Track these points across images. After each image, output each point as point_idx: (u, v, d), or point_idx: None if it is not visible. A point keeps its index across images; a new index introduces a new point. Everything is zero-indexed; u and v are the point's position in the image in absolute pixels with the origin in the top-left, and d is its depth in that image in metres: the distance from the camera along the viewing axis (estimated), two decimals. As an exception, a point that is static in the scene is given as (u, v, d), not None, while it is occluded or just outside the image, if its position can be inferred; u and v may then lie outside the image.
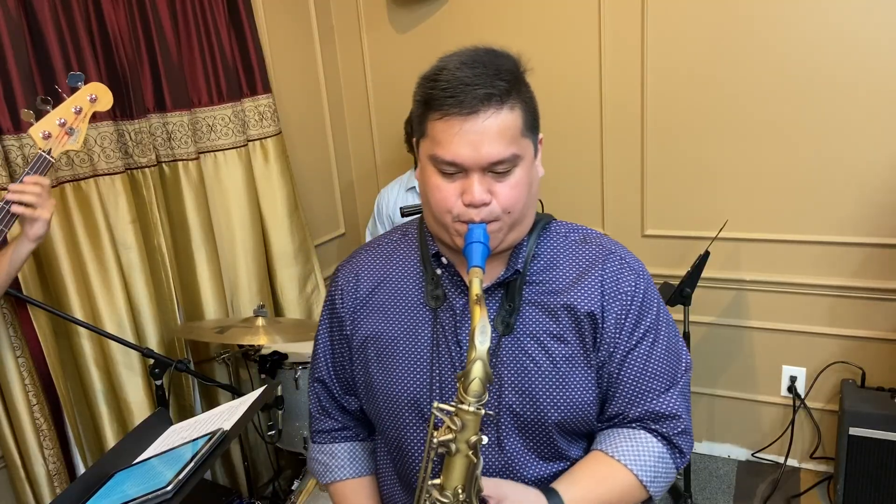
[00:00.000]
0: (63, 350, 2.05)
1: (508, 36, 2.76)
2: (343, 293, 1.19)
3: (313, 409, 1.29)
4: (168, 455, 1.32)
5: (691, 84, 2.53)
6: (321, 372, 1.25)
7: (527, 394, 1.06)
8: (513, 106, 0.97)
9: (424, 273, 1.13)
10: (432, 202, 1.02)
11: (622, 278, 1.09)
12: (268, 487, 2.71)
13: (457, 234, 1.02)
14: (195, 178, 2.33)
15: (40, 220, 1.55)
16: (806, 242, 2.51)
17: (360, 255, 1.22)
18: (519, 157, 0.99)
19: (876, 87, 2.28)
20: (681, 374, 1.12)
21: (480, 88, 0.94)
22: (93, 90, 1.67)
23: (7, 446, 1.89)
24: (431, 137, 0.99)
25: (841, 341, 2.55)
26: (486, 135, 0.95)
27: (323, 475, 1.27)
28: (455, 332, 1.08)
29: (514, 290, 1.08)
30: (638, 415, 1.09)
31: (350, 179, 3.31)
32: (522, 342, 1.07)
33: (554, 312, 1.07)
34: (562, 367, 1.06)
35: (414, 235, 1.18)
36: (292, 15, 2.87)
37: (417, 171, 1.07)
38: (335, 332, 1.21)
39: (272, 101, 2.57)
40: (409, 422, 1.11)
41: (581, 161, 2.76)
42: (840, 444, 2.35)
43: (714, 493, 2.66)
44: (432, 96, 0.97)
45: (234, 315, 2.53)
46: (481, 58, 0.98)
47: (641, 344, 1.08)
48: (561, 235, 1.13)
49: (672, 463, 1.10)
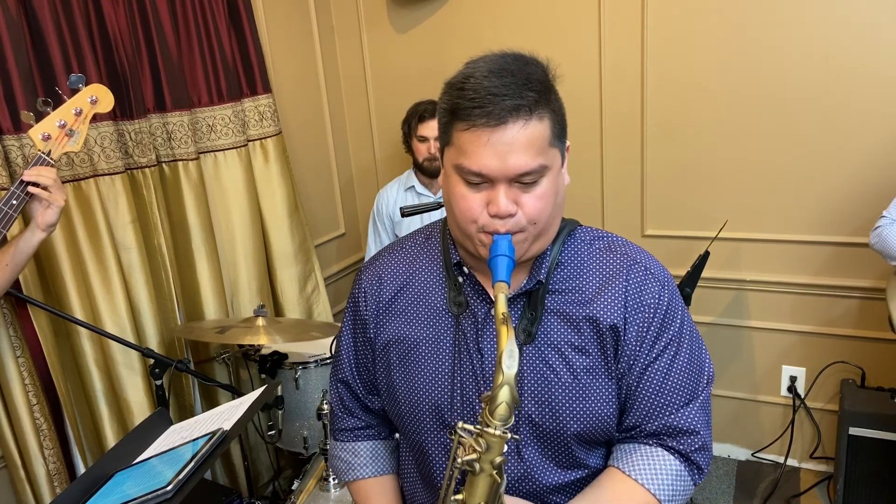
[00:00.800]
0: (63, 350, 2.05)
1: (508, 35, 2.77)
2: (367, 296, 1.18)
3: (336, 408, 1.28)
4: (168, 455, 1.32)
5: (691, 84, 2.53)
6: (345, 373, 1.24)
7: (546, 405, 1.05)
8: (542, 116, 0.95)
9: (447, 279, 1.12)
10: (457, 212, 1.00)
11: (646, 289, 1.07)
12: (268, 487, 2.71)
13: (481, 245, 1.00)
14: (195, 178, 2.33)
15: (54, 206, 1.56)
16: (806, 242, 2.51)
17: (383, 258, 1.21)
18: (546, 167, 0.97)
19: (877, 88, 2.28)
20: (702, 388, 1.10)
21: (509, 99, 0.92)
22: (93, 92, 1.67)
23: (7, 446, 1.89)
24: (458, 147, 0.97)
25: (841, 341, 2.55)
26: (513, 146, 0.93)
27: (345, 473, 1.27)
28: (477, 340, 1.08)
29: (536, 299, 1.06)
30: (655, 429, 1.08)
31: (350, 179, 3.31)
32: (544, 352, 1.06)
33: (576, 324, 1.06)
34: (582, 379, 1.05)
35: (437, 239, 1.17)
36: (292, 15, 2.87)
37: (441, 178, 1.05)
38: (358, 335, 1.21)
39: (272, 101, 2.57)
40: (430, 427, 1.11)
41: (581, 161, 2.76)
42: (840, 444, 2.35)
43: (714, 493, 2.66)
44: (459, 105, 0.95)
45: (234, 315, 2.53)
46: (510, 66, 0.95)
47: (662, 357, 1.07)
48: (586, 243, 1.11)
49: (690, 480, 1.09)
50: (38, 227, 1.57)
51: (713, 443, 2.83)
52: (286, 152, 2.66)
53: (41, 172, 1.54)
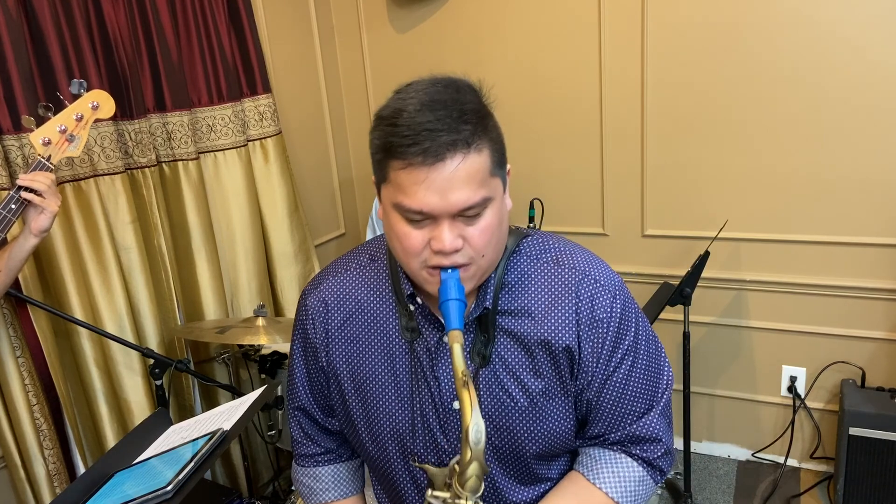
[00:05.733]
0: (63, 350, 2.05)
1: (508, 35, 2.76)
2: (314, 322, 1.14)
3: (295, 435, 1.27)
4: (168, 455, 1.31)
5: (691, 84, 2.53)
6: (301, 400, 1.22)
7: (504, 429, 1.06)
8: (480, 148, 0.91)
9: (397, 304, 1.09)
10: (400, 250, 0.97)
11: (597, 303, 1.04)
12: (268, 487, 2.71)
13: (426, 282, 0.97)
14: (195, 178, 2.33)
15: (47, 212, 1.56)
16: (806, 242, 2.51)
17: (327, 282, 1.15)
18: (489, 199, 0.93)
19: (875, 88, 2.28)
20: (661, 394, 1.11)
21: (445, 134, 0.87)
22: (95, 97, 1.67)
23: (7, 446, 1.89)
24: (395, 185, 0.92)
25: (841, 341, 2.55)
26: (453, 182, 0.89)
27: (308, 497, 1.28)
28: (432, 367, 1.06)
29: (487, 322, 1.04)
30: (618, 438, 1.09)
31: (350, 179, 3.31)
32: (499, 376, 1.05)
33: (529, 349, 1.04)
34: (539, 402, 1.05)
35: (384, 261, 1.12)
36: (292, 15, 2.87)
37: (380, 213, 1.00)
38: (310, 361, 1.18)
39: (272, 101, 2.57)
40: (393, 454, 1.12)
41: (581, 161, 2.76)
42: (840, 444, 2.35)
43: (714, 493, 2.66)
44: (392, 144, 0.90)
45: (234, 315, 2.53)
46: (441, 96, 0.91)
47: (620, 368, 1.06)
48: (532, 258, 1.07)
49: (652, 482, 1.11)
50: (30, 233, 1.57)
51: (713, 443, 2.86)
52: (286, 152, 2.66)
53: (35, 178, 1.54)
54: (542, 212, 2.73)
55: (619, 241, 2.78)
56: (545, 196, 2.67)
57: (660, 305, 2.32)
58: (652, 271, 2.71)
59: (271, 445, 2.50)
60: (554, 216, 2.80)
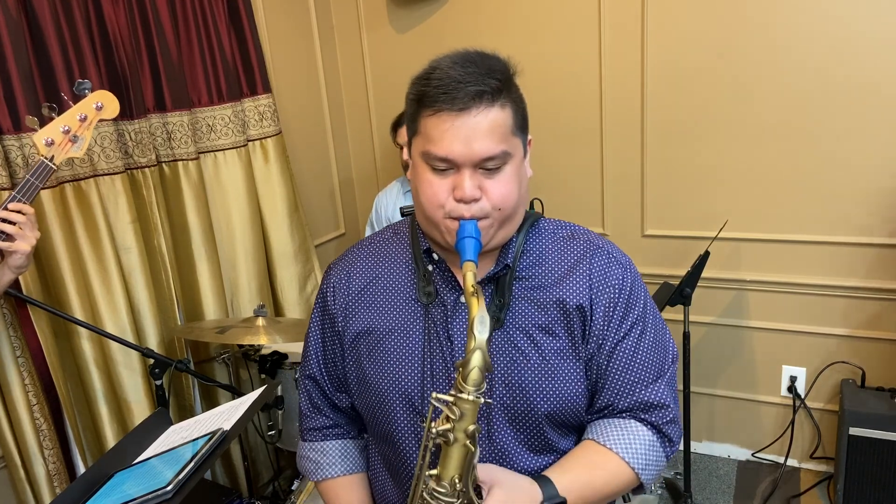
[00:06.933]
0: (63, 350, 2.04)
1: (508, 36, 2.76)
2: (335, 290, 1.20)
3: (304, 407, 1.29)
4: (168, 455, 1.31)
5: (691, 84, 2.53)
6: (312, 369, 1.25)
7: (516, 386, 1.07)
8: (503, 104, 1.00)
9: (416, 270, 1.14)
10: (423, 198, 1.04)
11: (610, 272, 1.11)
12: (268, 487, 2.71)
13: (447, 232, 1.03)
14: (195, 178, 2.33)
15: (17, 253, 1.50)
16: (806, 242, 2.51)
17: (351, 254, 1.23)
18: (509, 154, 1.01)
19: (876, 87, 2.28)
20: (668, 365, 1.14)
21: (472, 85, 0.96)
22: (99, 98, 1.66)
23: (7, 446, 1.89)
24: (424, 134, 1.01)
25: (841, 341, 2.55)
26: (477, 131, 0.97)
27: (314, 473, 1.27)
28: (446, 327, 1.10)
29: (504, 285, 1.09)
30: (627, 405, 1.11)
31: (350, 179, 3.31)
32: (512, 336, 1.08)
33: (544, 306, 1.09)
34: (551, 360, 1.08)
35: (405, 233, 1.20)
36: (292, 15, 2.87)
37: (409, 171, 1.08)
38: (327, 330, 1.22)
39: (272, 101, 2.57)
40: (400, 416, 1.12)
41: (581, 161, 2.76)
42: (840, 444, 2.35)
43: (714, 493, 2.66)
44: (425, 93, 0.99)
45: (234, 315, 2.53)
46: (472, 58, 1.01)
47: (630, 335, 1.10)
48: (549, 232, 1.16)
49: (662, 451, 1.12)
50: (7, 268, 1.53)
51: (713, 443, 2.86)
52: (286, 152, 2.66)
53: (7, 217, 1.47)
54: (542, 211, 2.73)
55: (619, 241, 2.75)
56: (545, 196, 2.67)
57: (660, 305, 2.32)
58: (652, 271, 2.71)
59: (271, 445, 2.50)
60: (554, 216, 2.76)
